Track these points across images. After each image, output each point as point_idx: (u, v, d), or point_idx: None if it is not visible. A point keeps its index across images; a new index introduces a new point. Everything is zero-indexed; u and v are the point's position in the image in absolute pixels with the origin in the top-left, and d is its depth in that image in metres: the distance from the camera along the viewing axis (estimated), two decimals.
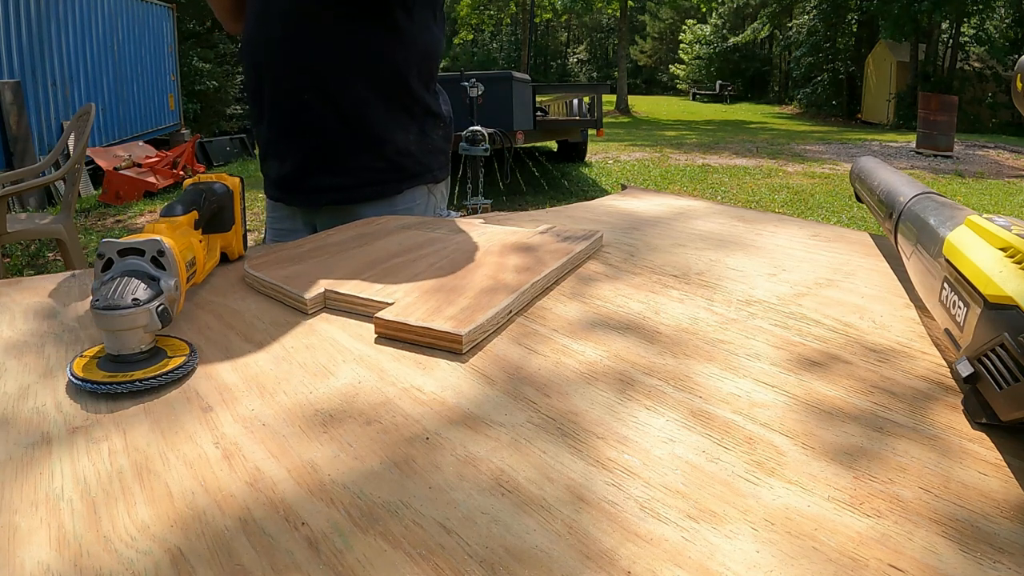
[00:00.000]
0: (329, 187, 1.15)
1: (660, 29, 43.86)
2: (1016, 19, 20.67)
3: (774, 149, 11.64)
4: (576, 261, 0.75)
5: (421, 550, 0.31)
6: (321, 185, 1.15)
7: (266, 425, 0.42)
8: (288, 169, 1.17)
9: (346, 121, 1.11)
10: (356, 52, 1.09)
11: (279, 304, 0.63)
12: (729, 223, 0.97)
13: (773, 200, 6.83)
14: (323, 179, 1.15)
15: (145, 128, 9.20)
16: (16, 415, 0.44)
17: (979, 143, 13.26)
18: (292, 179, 1.17)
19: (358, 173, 1.14)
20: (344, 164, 1.14)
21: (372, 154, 1.14)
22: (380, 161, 1.14)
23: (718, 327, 0.57)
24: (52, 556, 0.31)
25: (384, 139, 1.14)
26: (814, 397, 0.45)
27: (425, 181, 1.20)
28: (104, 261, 0.52)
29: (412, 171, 1.17)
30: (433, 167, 1.21)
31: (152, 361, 0.48)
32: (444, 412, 0.43)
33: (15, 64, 6.30)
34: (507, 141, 5.39)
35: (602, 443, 0.40)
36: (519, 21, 30.33)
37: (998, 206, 6.87)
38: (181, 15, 11.24)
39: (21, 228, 3.06)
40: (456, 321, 0.54)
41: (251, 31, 1.15)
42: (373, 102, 1.12)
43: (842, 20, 24.89)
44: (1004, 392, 0.37)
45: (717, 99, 33.74)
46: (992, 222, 0.46)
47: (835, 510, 0.33)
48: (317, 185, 1.15)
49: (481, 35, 41.52)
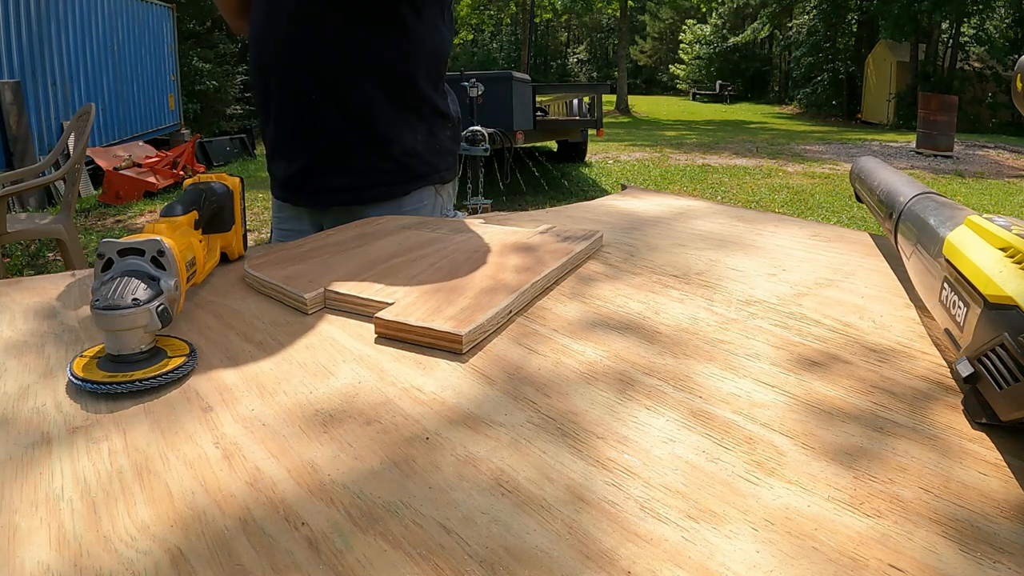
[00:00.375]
0: (336, 188, 1.14)
1: (660, 29, 43.85)
2: (1016, 19, 20.67)
3: (774, 149, 11.64)
4: (576, 261, 0.75)
5: (421, 550, 0.31)
6: (328, 186, 1.14)
7: (266, 425, 0.42)
8: (295, 169, 1.16)
9: (353, 121, 1.11)
10: (363, 52, 1.09)
11: (279, 304, 0.63)
12: (729, 223, 0.97)
13: (773, 200, 6.83)
14: (330, 180, 1.14)
15: (145, 128, 9.20)
16: (16, 415, 0.44)
17: (979, 143, 13.26)
18: (299, 179, 1.17)
19: (365, 174, 1.14)
20: (351, 165, 1.13)
21: (379, 155, 1.13)
22: (387, 162, 1.14)
23: (718, 327, 0.57)
24: (52, 556, 0.31)
25: (391, 139, 1.13)
26: (814, 397, 0.45)
27: (432, 182, 1.19)
28: (104, 261, 0.52)
29: (419, 172, 1.17)
30: (440, 167, 1.20)
31: (152, 361, 0.48)
32: (444, 412, 0.43)
33: (15, 64, 6.30)
34: (507, 141, 5.40)
35: (602, 443, 0.40)
36: (519, 21, 30.34)
37: (998, 206, 6.87)
38: (181, 15, 11.24)
39: (21, 228, 3.06)
40: (456, 321, 0.54)
41: (258, 31, 1.14)
42: (380, 102, 1.11)
43: (842, 20, 24.89)
44: (1004, 392, 0.37)
45: (717, 99, 33.74)
46: (992, 222, 0.46)
47: (835, 510, 0.33)
48: (324, 186, 1.15)
49: (481, 35, 41.54)
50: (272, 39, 1.12)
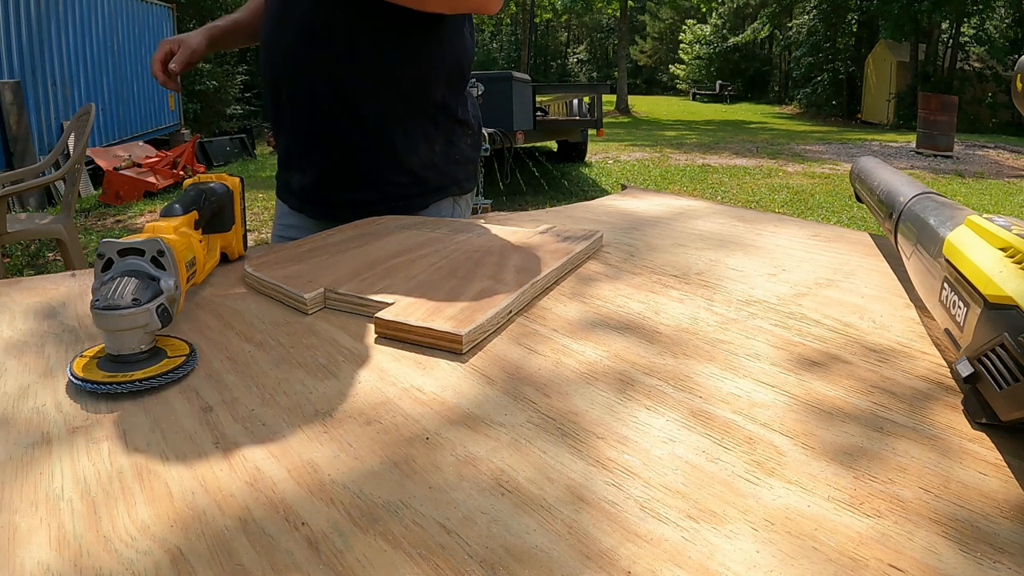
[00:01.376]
0: (351, 202, 1.08)
1: (660, 29, 43.87)
2: (1016, 19, 20.67)
3: (774, 149, 11.64)
4: (576, 261, 0.75)
5: (421, 550, 0.31)
6: (343, 200, 1.10)
7: (266, 425, 0.42)
8: (309, 181, 1.12)
9: (368, 133, 1.07)
10: (379, 59, 1.04)
11: (279, 304, 0.63)
12: (729, 223, 0.97)
13: (773, 200, 6.83)
14: (345, 194, 1.10)
15: (145, 128, 9.20)
16: (16, 415, 0.44)
17: (979, 143, 13.26)
18: (312, 191, 1.12)
19: (381, 188, 1.09)
20: (366, 178, 1.09)
21: (395, 168, 1.09)
22: (404, 175, 1.09)
23: (718, 327, 0.57)
24: (52, 556, 0.31)
25: (408, 151, 1.08)
26: (814, 397, 0.45)
27: (451, 193, 1.14)
28: (104, 261, 0.52)
29: (437, 184, 1.12)
30: (460, 178, 1.16)
31: (152, 361, 0.48)
32: (444, 412, 0.43)
33: (15, 64, 6.31)
34: (507, 141, 5.40)
35: (602, 443, 0.40)
36: (519, 21, 30.33)
37: (998, 206, 6.87)
38: (181, 15, 11.25)
39: (21, 228, 3.06)
40: (456, 321, 0.54)
41: (268, 37, 1.10)
42: (397, 112, 1.06)
43: (842, 20, 24.90)
44: (1004, 392, 0.37)
45: (717, 99, 33.75)
46: (992, 222, 0.46)
47: (835, 510, 0.33)
48: (339, 200, 1.10)
49: (481, 35, 41.51)
50: (283, 47, 1.07)
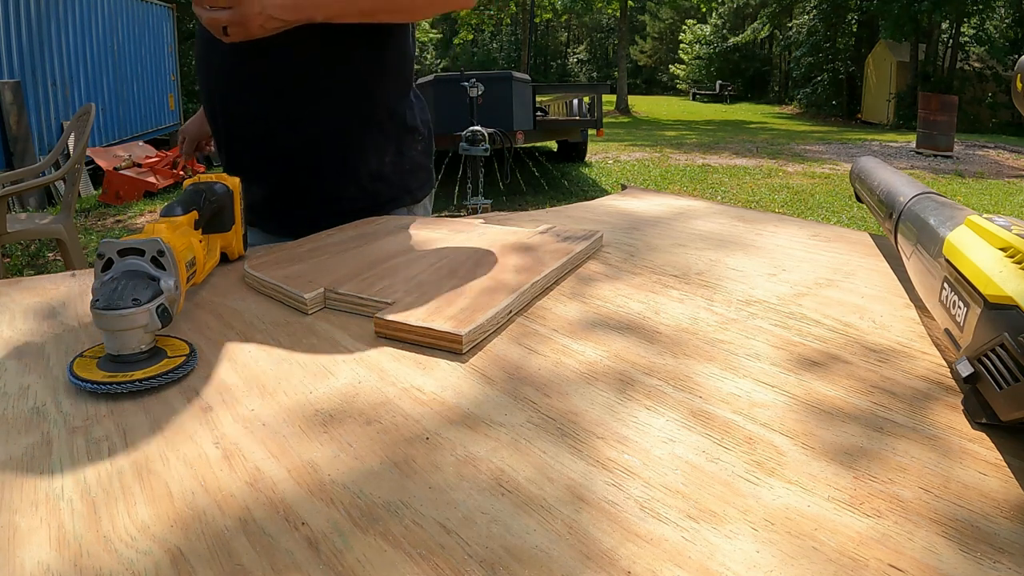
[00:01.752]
0: (301, 219, 1.00)
1: (660, 29, 43.87)
2: (1016, 19, 20.67)
3: (774, 149, 11.64)
4: (576, 261, 0.75)
5: (421, 550, 0.31)
6: (293, 218, 1.04)
7: (266, 425, 0.42)
8: (257, 198, 1.02)
9: (314, 147, 1.02)
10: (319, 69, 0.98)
11: (279, 304, 0.63)
12: (729, 223, 0.97)
13: (773, 200, 6.83)
14: (294, 212, 1.05)
15: (145, 128, 9.20)
16: (16, 415, 0.44)
17: (979, 143, 13.25)
18: (261, 207, 1.05)
19: (329, 204, 1.04)
20: (315, 195, 1.04)
21: (344, 183, 1.04)
22: (353, 190, 1.05)
23: (718, 327, 0.57)
24: (52, 556, 0.31)
25: (356, 165, 1.04)
26: (814, 397, 0.45)
27: (404, 203, 1.10)
28: (104, 261, 0.52)
29: (388, 196, 1.08)
30: (412, 187, 1.11)
31: (152, 361, 0.48)
32: (444, 412, 0.43)
33: (15, 64, 6.30)
34: (507, 141, 5.39)
35: (602, 443, 0.40)
36: (519, 21, 30.35)
37: (998, 206, 6.87)
38: (181, 15, 11.23)
39: (21, 228, 3.06)
40: (456, 321, 0.54)
41: (200, 54, 1.03)
42: (342, 124, 1.01)
43: (842, 20, 24.90)
44: (1004, 392, 0.37)
45: (717, 99, 33.74)
46: (992, 222, 0.46)
47: (835, 510, 0.33)
48: (289, 218, 1.05)
49: (481, 35, 41.53)
50: (215, 64, 1.00)
